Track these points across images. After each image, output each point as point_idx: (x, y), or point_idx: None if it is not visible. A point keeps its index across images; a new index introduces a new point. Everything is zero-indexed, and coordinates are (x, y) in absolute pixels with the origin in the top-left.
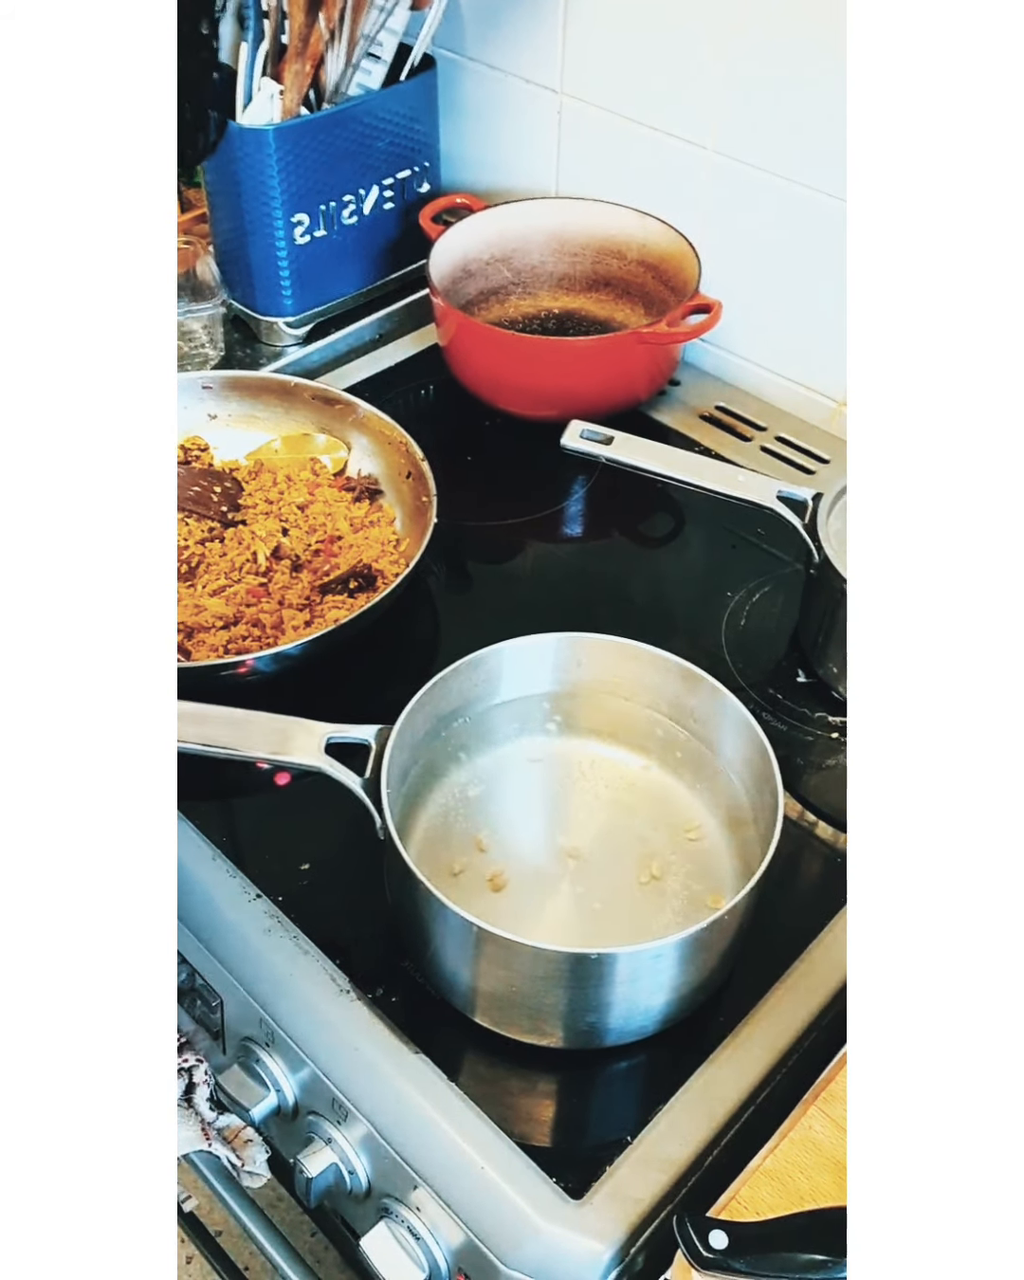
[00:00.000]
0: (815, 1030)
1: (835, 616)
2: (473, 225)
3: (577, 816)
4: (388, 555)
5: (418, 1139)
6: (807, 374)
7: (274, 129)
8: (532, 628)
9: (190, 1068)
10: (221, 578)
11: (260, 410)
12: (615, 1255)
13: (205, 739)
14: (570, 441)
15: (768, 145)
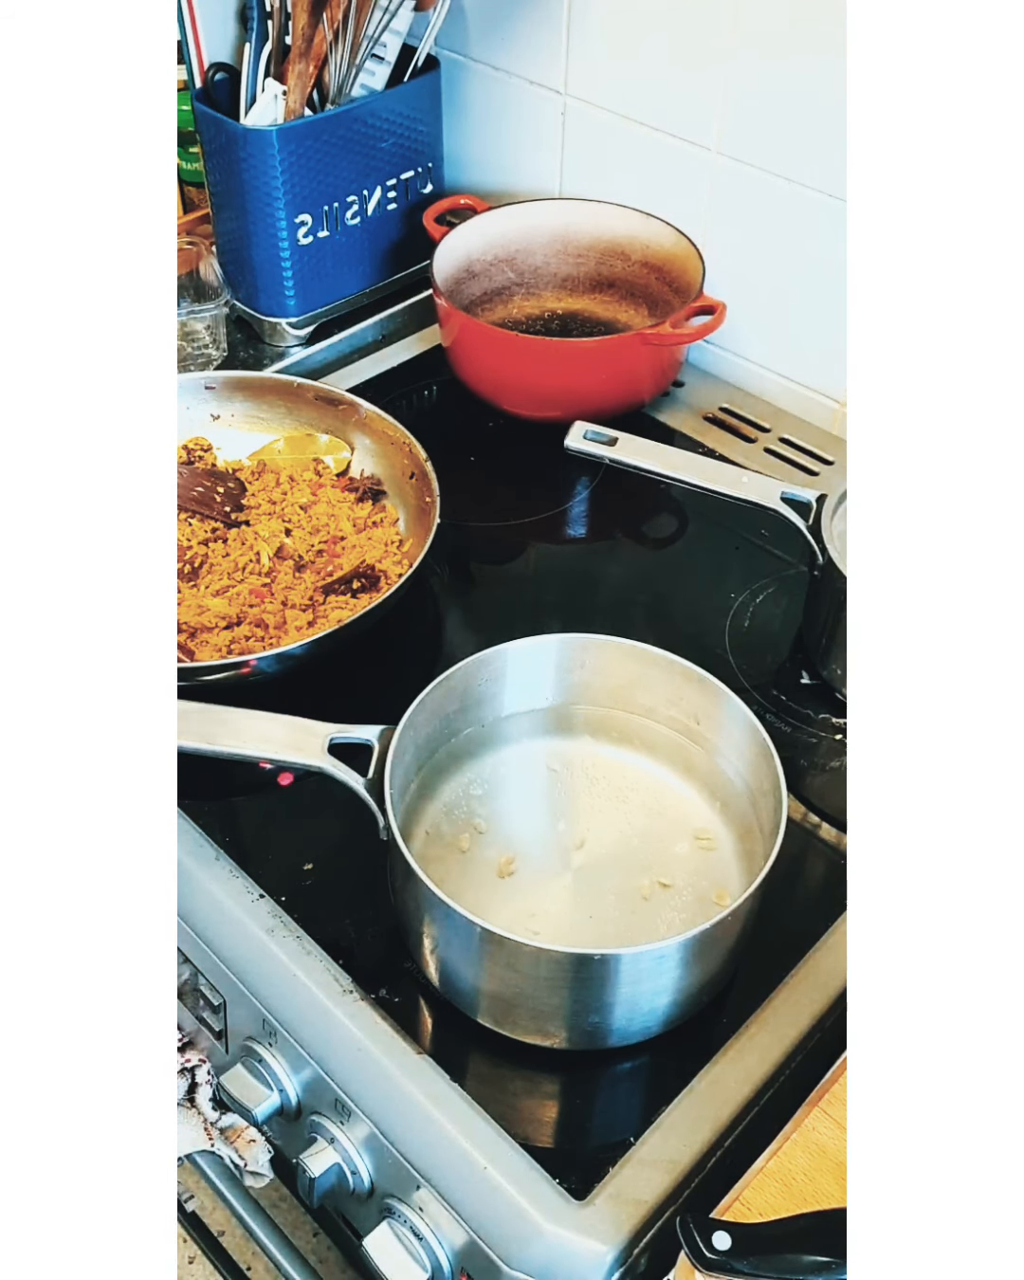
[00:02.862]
0: (819, 1032)
1: (839, 618)
2: (476, 226)
3: (580, 818)
4: (391, 556)
5: (421, 1139)
6: (811, 375)
7: (278, 130)
8: (535, 629)
9: (193, 1067)
10: (224, 578)
11: (263, 411)
12: (618, 1256)
13: (208, 739)
14: (574, 442)
15: (772, 146)
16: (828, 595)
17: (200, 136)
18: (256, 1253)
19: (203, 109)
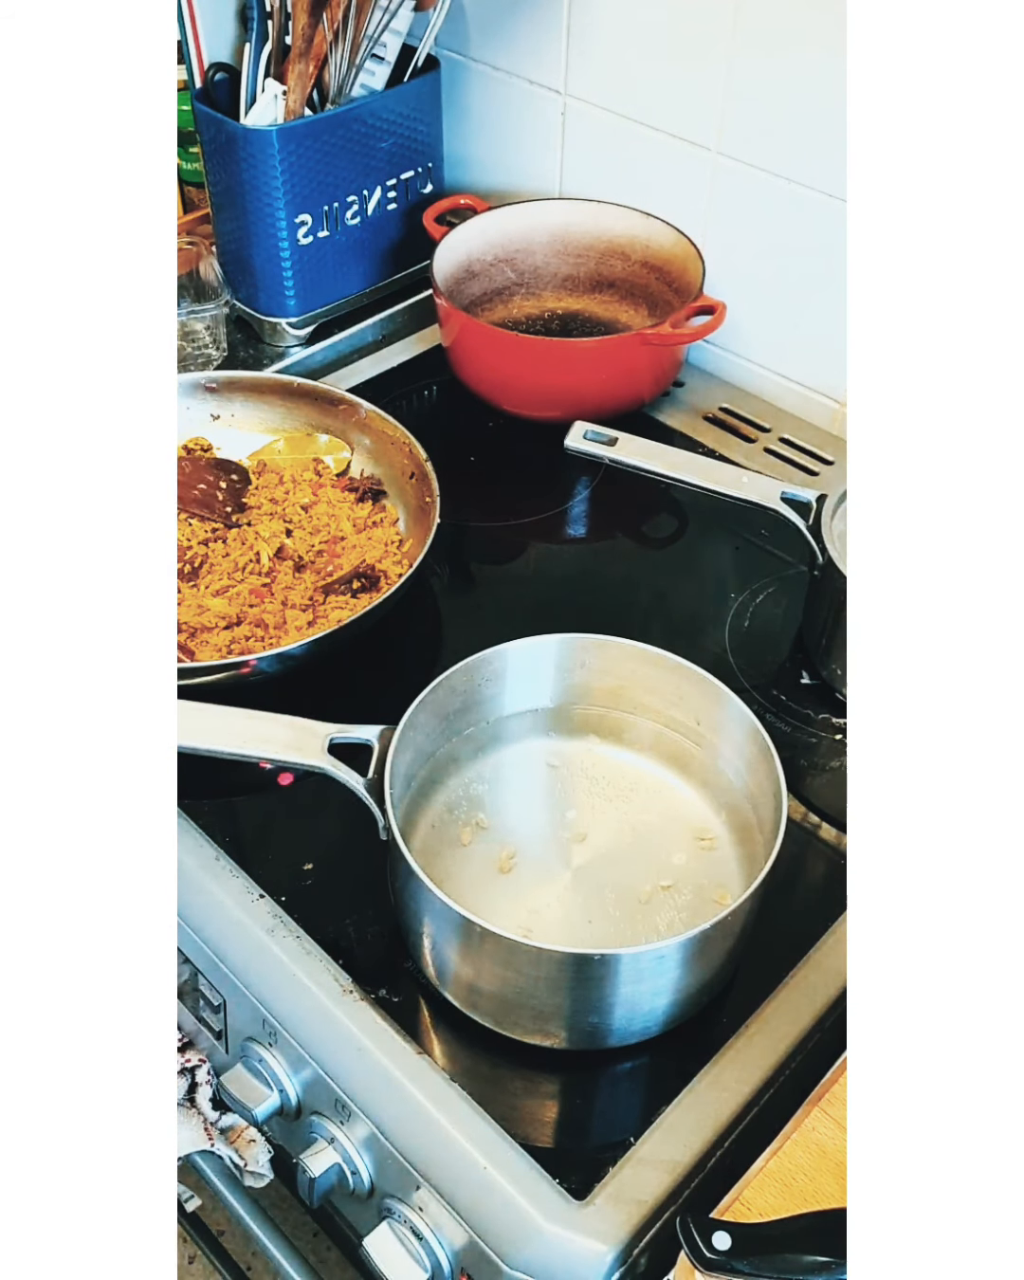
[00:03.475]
0: (819, 1032)
1: (839, 618)
2: (476, 226)
3: (580, 818)
4: (391, 556)
5: (421, 1139)
6: (811, 375)
7: (278, 130)
8: (535, 629)
9: (193, 1067)
10: (224, 578)
11: (263, 411)
12: (618, 1256)
13: (208, 739)
14: (574, 442)
15: (772, 146)
16: (828, 595)
17: (200, 136)
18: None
19: (203, 109)
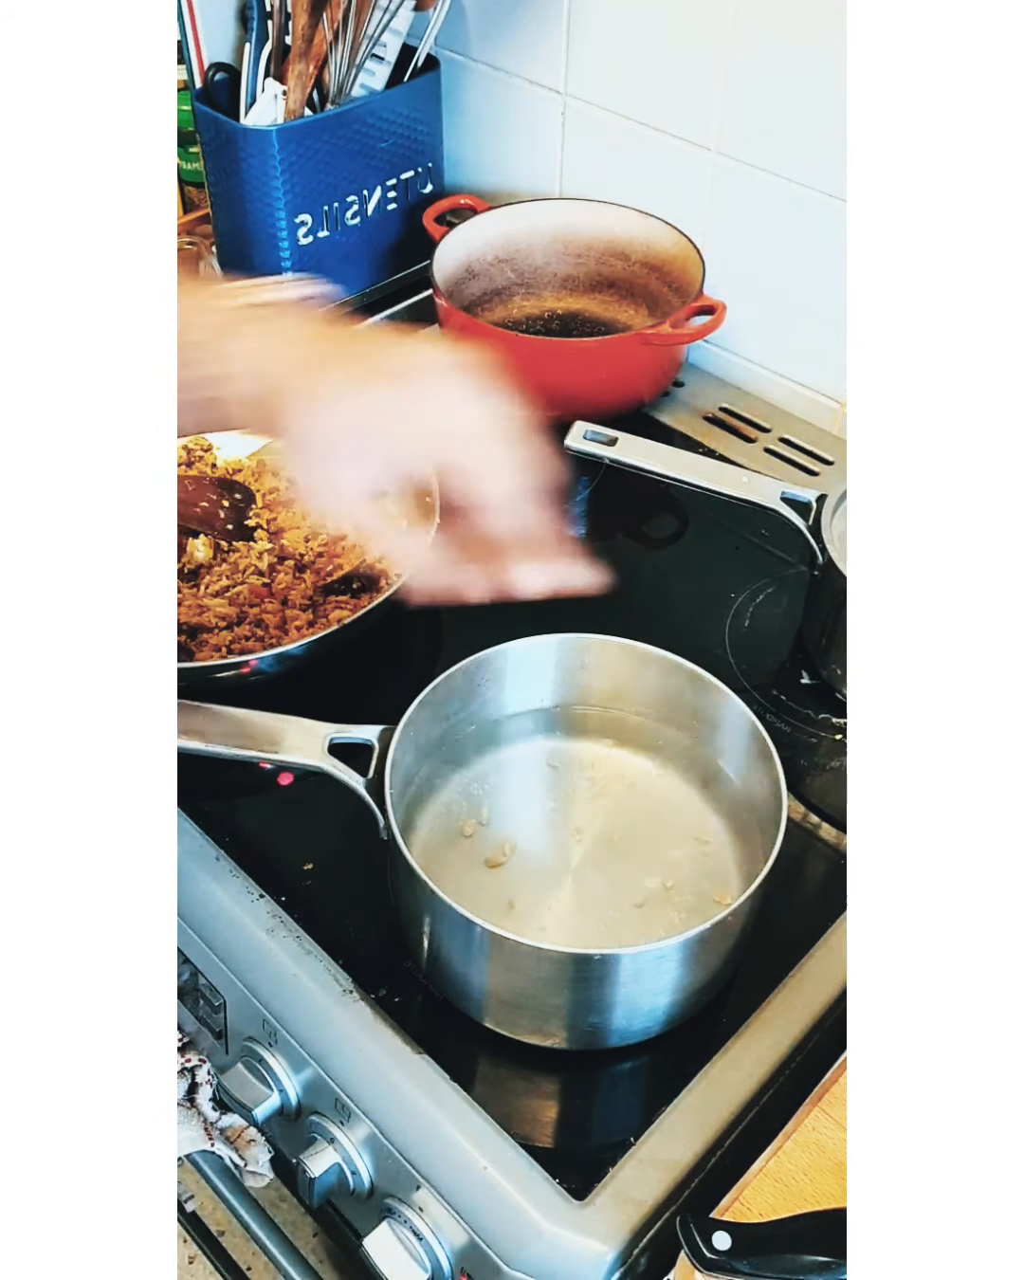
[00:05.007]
0: (819, 1032)
1: (839, 618)
2: (476, 226)
3: (581, 818)
4: None
5: (421, 1139)
6: (811, 375)
7: (277, 130)
8: (535, 629)
9: (193, 1067)
10: (224, 578)
11: None
12: (618, 1256)
13: (208, 739)
14: (574, 442)
15: (772, 146)
16: (828, 595)
17: (200, 136)
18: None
19: (203, 109)
